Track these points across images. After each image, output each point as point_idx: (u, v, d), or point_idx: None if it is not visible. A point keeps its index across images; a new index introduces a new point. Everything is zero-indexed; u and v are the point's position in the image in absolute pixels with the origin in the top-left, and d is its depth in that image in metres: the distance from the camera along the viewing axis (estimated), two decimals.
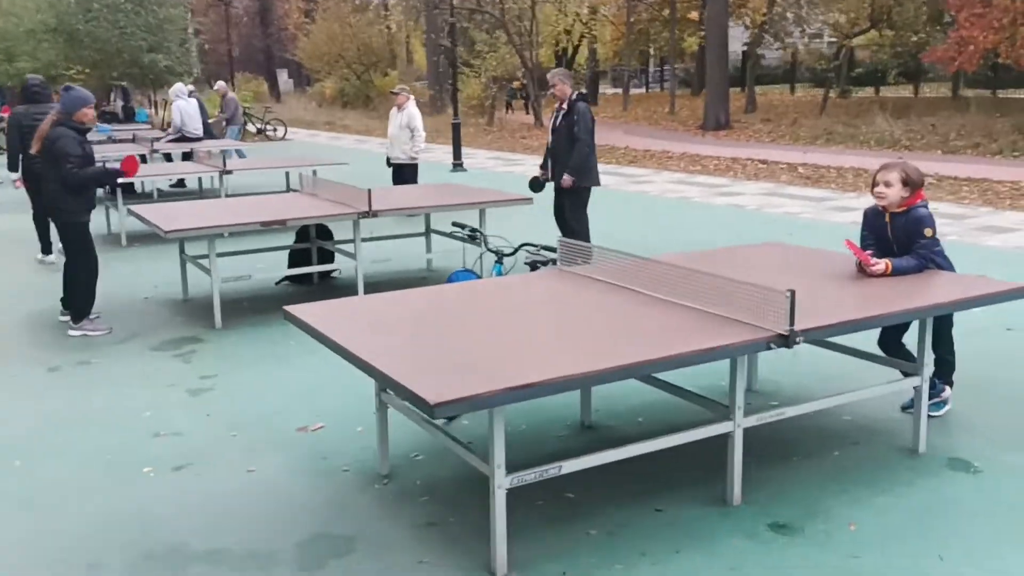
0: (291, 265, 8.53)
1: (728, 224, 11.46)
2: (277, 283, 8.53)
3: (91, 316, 7.12)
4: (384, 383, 3.35)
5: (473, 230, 5.59)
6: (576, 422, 5.05)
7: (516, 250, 5.40)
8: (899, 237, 4.81)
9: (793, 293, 3.67)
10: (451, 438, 3.88)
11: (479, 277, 5.20)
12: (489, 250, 5.41)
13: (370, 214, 7.29)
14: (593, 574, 3.53)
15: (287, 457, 4.67)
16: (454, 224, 5.96)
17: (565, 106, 8.71)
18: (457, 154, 18.28)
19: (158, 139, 15.88)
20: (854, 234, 5.19)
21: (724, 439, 4.00)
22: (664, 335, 3.79)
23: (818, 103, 28.56)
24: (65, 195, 6.71)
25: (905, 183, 4.73)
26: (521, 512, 4.00)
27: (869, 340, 4.91)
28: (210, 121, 21.76)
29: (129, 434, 5.03)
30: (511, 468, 3.52)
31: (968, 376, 5.64)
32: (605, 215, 12.34)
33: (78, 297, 7.03)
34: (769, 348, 3.72)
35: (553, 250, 5.06)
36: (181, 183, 16.21)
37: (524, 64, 28.91)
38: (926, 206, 4.81)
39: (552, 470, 3.59)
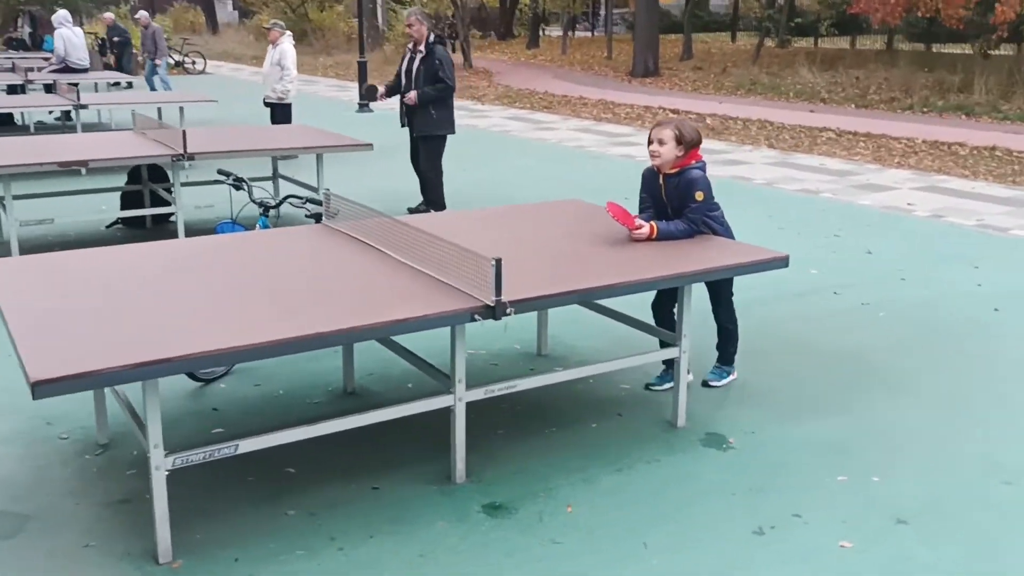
0: (124, 207, 8.10)
1: (607, 174, 11.19)
2: (108, 227, 8.09)
3: None
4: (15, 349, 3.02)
5: (238, 179, 5.23)
6: (340, 387, 4.77)
7: (280, 202, 5.05)
8: (672, 199, 4.54)
9: (499, 262, 3.39)
10: (130, 409, 3.57)
11: (246, 229, 4.86)
12: (253, 201, 5.06)
13: (185, 157, 6.87)
14: (266, 562, 3.27)
15: (8, 422, 4.33)
16: (219, 171, 5.59)
17: (423, 49, 8.29)
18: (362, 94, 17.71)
19: (40, 68, 15.11)
20: (755, 192, 4.90)
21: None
22: (380, 302, 3.49)
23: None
24: None
25: (679, 141, 4.45)
26: (226, 488, 3.74)
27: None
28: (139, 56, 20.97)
29: None
30: (228, 438, 3.33)
31: (780, 341, 5.48)
32: (484, 162, 12.01)
33: None
34: (473, 319, 3.44)
35: (319, 203, 4.72)
36: (68, 115, 15.50)
37: (453, 2, 28.12)
38: (702, 168, 4.54)
39: (226, 449, 3.30)
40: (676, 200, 4.52)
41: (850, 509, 3.65)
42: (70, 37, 14.98)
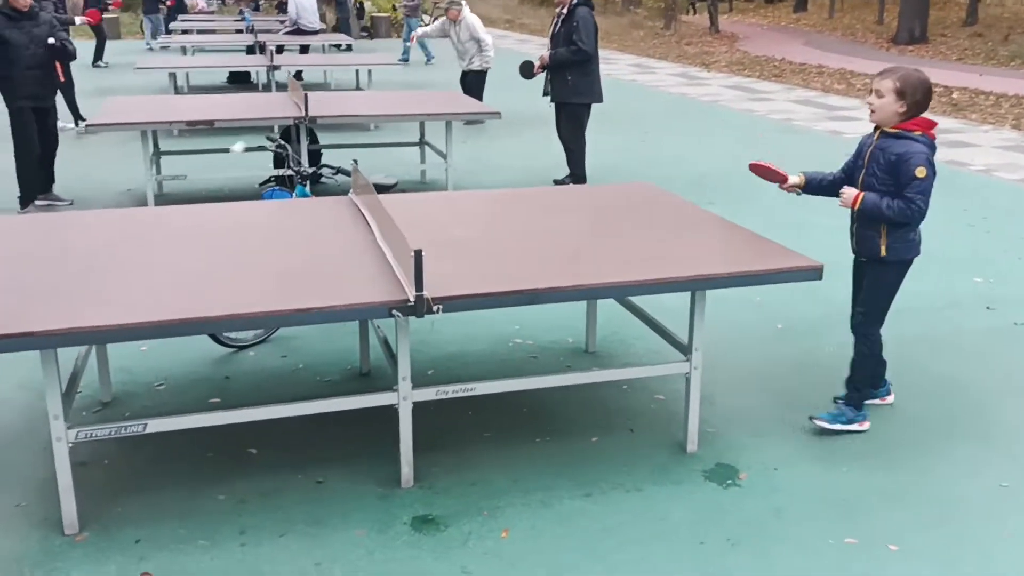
0: (276, 167, 8.36)
1: (795, 151, 10.15)
2: (261, 184, 8.38)
3: (41, 202, 7.33)
4: None
5: (280, 145, 5.12)
6: (356, 367, 4.59)
7: (314, 171, 4.89)
8: (876, 161, 3.70)
9: (419, 254, 3.01)
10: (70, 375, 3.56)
11: (292, 196, 4.77)
12: (290, 168, 4.94)
13: (306, 120, 6.93)
14: (164, 547, 3.15)
15: (26, 372, 4.50)
16: (267, 137, 5.51)
17: (565, 11, 7.87)
18: None
19: (276, 31, 16.10)
20: None
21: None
22: (323, 284, 3.24)
23: None
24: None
25: (899, 95, 3.61)
26: (178, 462, 3.67)
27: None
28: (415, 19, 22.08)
29: None
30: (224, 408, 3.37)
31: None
32: (668, 134, 11.31)
33: (20, 183, 7.20)
34: (391, 315, 3.10)
35: (348, 174, 4.52)
36: (299, 75, 16.43)
37: None
38: (927, 143, 3.64)
39: (134, 428, 3.21)
40: (879, 165, 3.67)
41: None
42: (301, 1, 15.78)
